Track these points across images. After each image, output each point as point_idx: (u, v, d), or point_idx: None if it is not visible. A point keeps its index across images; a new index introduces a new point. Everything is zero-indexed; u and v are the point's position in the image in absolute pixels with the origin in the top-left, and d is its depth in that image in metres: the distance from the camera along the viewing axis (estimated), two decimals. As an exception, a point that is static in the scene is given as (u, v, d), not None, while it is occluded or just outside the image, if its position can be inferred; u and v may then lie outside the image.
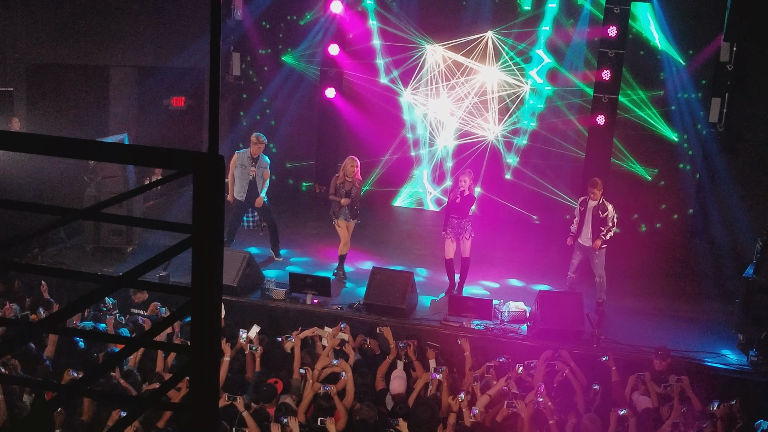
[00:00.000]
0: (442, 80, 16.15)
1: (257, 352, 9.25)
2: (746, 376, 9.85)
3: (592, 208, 11.15)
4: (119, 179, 12.48)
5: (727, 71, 14.04)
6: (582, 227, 11.23)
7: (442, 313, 10.88)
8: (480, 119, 16.09)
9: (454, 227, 11.47)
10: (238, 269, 11.07)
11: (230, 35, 16.46)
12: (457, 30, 15.85)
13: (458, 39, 15.85)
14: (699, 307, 12.00)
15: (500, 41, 15.71)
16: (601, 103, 14.67)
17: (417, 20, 16.08)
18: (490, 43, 15.78)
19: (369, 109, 16.48)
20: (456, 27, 15.87)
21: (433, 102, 16.32)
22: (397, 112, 16.56)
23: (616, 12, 14.33)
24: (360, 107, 16.47)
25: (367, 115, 16.45)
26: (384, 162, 16.63)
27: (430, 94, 16.32)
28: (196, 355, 2.23)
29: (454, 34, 15.87)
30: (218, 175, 2.15)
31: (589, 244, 11.17)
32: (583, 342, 10.27)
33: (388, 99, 16.50)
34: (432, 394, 8.75)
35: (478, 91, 16.00)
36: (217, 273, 2.22)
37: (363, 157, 15.57)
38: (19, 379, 8.06)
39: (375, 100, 16.50)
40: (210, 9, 2.17)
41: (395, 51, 16.29)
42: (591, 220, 11.14)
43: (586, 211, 11.19)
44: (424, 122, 16.48)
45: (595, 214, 11.11)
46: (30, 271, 2.66)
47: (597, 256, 11.19)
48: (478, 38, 15.74)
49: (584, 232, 11.21)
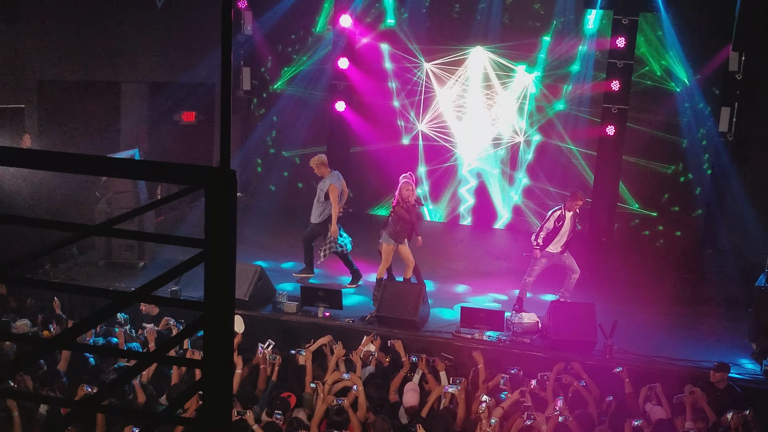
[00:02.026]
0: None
1: (276, 361, 9.26)
2: (760, 386, 9.80)
3: (570, 218, 11.35)
4: (130, 194, 12.52)
5: (736, 80, 14.02)
6: (554, 237, 11.36)
7: (454, 326, 10.87)
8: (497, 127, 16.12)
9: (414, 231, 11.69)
10: (249, 283, 11.07)
11: (240, 50, 16.53)
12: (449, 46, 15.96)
13: (449, 55, 15.97)
14: (711, 316, 11.96)
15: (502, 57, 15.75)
16: (611, 113, 14.68)
17: (424, 34, 16.14)
18: (487, 61, 15.85)
19: (379, 122, 16.50)
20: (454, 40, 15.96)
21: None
22: (406, 124, 16.58)
23: (624, 23, 14.36)
24: (370, 120, 16.48)
25: (377, 127, 16.47)
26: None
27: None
28: (209, 370, 2.23)
29: (446, 53, 16.00)
30: (230, 190, 2.16)
31: (558, 251, 11.41)
32: (596, 353, 10.24)
33: (397, 114, 16.54)
34: (445, 406, 8.73)
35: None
36: (229, 287, 2.22)
37: (373, 169, 15.64)
38: (34, 395, 8.08)
39: (385, 113, 16.52)
40: (221, 24, 2.19)
41: (402, 70, 16.36)
42: (569, 230, 11.37)
43: (564, 223, 11.32)
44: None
45: (573, 225, 11.39)
46: (42, 287, 2.67)
47: (567, 257, 11.51)
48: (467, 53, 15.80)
49: (556, 240, 11.38)
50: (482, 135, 16.28)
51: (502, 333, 10.64)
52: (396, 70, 16.44)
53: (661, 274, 13.41)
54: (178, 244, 2.25)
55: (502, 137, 16.18)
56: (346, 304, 11.19)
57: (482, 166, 16.36)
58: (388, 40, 16.37)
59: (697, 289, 13.07)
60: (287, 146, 17.26)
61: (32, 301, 11.02)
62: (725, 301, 12.49)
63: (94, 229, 2.19)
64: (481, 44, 15.89)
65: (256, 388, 9.16)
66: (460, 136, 16.40)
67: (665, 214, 15.51)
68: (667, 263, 13.99)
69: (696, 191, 15.33)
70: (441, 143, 16.49)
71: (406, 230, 11.53)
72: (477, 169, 16.41)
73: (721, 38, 14.31)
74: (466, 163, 16.46)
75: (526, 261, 13.07)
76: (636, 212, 15.67)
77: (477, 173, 16.40)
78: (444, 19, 16.19)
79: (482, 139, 16.29)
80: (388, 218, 11.71)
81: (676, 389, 9.10)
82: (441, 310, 11.61)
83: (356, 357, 9.41)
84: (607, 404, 8.85)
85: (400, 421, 8.59)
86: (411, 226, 11.53)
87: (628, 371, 9.25)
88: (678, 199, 15.46)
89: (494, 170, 16.32)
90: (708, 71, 14.79)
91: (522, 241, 15.57)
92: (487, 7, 15.83)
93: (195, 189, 2.18)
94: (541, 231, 11.43)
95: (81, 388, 8.25)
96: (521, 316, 11.01)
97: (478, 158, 16.35)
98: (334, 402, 8.36)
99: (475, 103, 16.17)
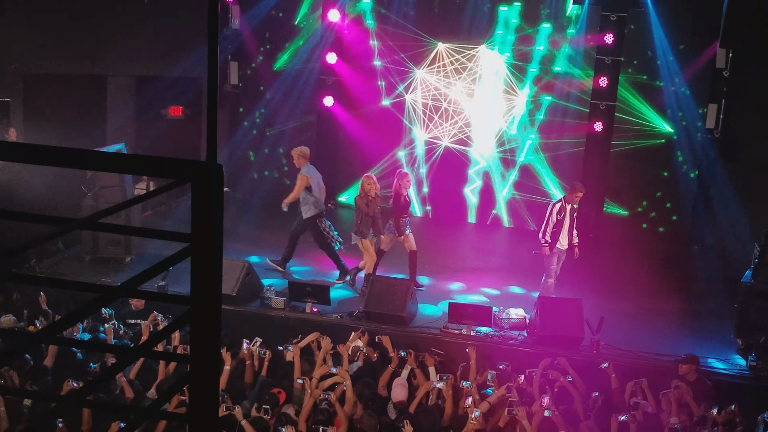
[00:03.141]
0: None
1: (266, 356, 9.26)
2: (746, 381, 9.85)
3: (570, 211, 11.37)
4: (117, 189, 12.46)
5: (723, 77, 14.06)
6: (560, 231, 11.37)
7: (442, 321, 10.88)
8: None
9: (405, 225, 11.90)
10: (237, 278, 11.05)
11: (228, 44, 16.47)
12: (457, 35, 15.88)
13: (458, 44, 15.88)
14: (697, 312, 12.00)
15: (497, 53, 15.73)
16: (599, 109, 14.71)
17: (414, 25, 16.07)
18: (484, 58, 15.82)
19: (368, 117, 16.46)
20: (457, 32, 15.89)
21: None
22: (398, 119, 16.54)
23: (612, 19, 14.38)
24: (359, 115, 16.44)
25: (365, 123, 16.43)
26: (381, 169, 16.60)
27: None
28: (196, 365, 2.22)
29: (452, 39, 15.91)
30: (217, 184, 2.15)
31: (566, 247, 11.44)
32: (582, 348, 10.27)
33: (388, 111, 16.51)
34: (433, 402, 8.75)
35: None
36: (216, 282, 2.22)
37: (362, 166, 15.58)
38: (20, 390, 8.05)
39: (374, 108, 16.48)
40: (207, 18, 2.18)
41: (395, 62, 16.27)
42: (570, 223, 11.40)
43: (566, 216, 11.30)
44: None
45: (572, 218, 11.42)
46: (28, 281, 2.66)
47: (576, 255, 11.55)
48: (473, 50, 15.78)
49: (562, 236, 11.40)
50: (483, 133, 16.21)
51: (490, 328, 10.67)
52: (382, 70, 16.37)
53: (648, 270, 13.45)
54: (164, 239, 2.24)
55: (500, 132, 16.12)
56: (334, 299, 11.19)
57: (482, 164, 16.26)
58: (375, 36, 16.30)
59: (684, 285, 13.10)
60: (276, 142, 17.20)
61: (18, 296, 10.97)
62: (711, 296, 12.54)
63: (80, 223, 2.18)
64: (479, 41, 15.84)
65: (242, 383, 9.15)
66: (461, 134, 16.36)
67: (652, 211, 15.53)
68: (653, 259, 14.02)
69: (682, 188, 15.36)
70: (436, 143, 16.47)
71: (368, 225, 11.65)
72: (481, 168, 16.30)
73: (709, 35, 14.35)
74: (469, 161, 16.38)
75: (514, 255, 13.12)
76: (623, 208, 15.68)
77: (482, 172, 16.28)
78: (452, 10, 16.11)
79: (484, 137, 16.23)
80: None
81: (662, 384, 9.13)
82: (428, 306, 11.61)
83: (343, 350, 9.40)
84: (594, 400, 8.87)
85: (388, 416, 8.60)
86: (372, 220, 11.64)
87: (614, 367, 9.28)
88: (664, 196, 15.49)
89: (490, 168, 16.25)
90: (695, 68, 14.82)
91: (510, 237, 15.68)
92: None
93: (181, 183, 2.17)
94: (547, 227, 11.42)
95: (67, 383, 8.22)
96: (509, 312, 11.04)
97: (479, 156, 16.26)
98: (322, 397, 8.37)
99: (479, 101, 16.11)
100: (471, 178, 16.30)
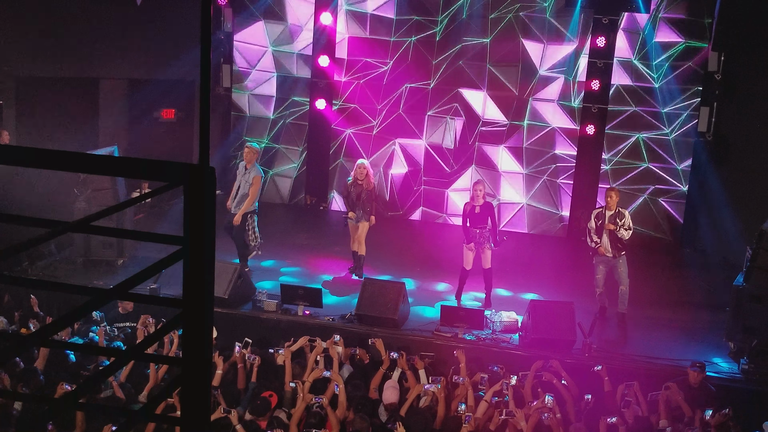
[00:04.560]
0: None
1: (255, 362, 9.24)
2: (737, 385, 9.87)
3: (609, 217, 11.19)
4: (109, 192, 12.44)
5: (715, 81, 14.11)
6: (600, 239, 11.24)
7: (434, 324, 10.89)
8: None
9: (477, 238, 11.48)
10: (229, 281, 11.04)
11: (220, 47, 16.47)
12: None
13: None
14: (689, 315, 12.01)
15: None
16: (591, 112, 14.76)
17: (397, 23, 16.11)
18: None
19: (359, 119, 16.48)
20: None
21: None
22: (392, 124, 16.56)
23: (604, 22, 14.42)
24: (350, 118, 16.46)
25: (357, 125, 16.44)
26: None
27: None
28: (187, 368, 2.22)
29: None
30: (209, 187, 2.15)
31: (610, 255, 11.20)
32: (574, 351, 10.28)
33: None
34: (425, 405, 8.75)
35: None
36: (208, 285, 2.22)
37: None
38: (12, 393, 8.03)
39: (367, 111, 16.50)
40: (200, 21, 2.18)
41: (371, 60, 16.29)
42: (608, 230, 11.17)
43: (604, 222, 11.21)
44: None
45: (610, 224, 11.16)
46: (20, 284, 2.65)
47: (620, 264, 11.23)
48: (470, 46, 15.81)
49: (604, 242, 11.24)
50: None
51: (481, 331, 10.67)
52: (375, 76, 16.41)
53: (640, 272, 13.46)
54: (157, 242, 2.24)
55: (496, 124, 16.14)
56: (326, 302, 11.19)
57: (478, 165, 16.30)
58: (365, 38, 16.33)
59: (676, 288, 13.14)
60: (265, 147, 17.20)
61: (9, 299, 10.94)
62: (703, 300, 12.57)
63: (72, 226, 2.18)
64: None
65: (237, 388, 9.15)
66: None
67: (644, 213, 15.55)
68: (646, 262, 14.03)
69: (675, 191, 15.39)
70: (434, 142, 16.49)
71: (348, 207, 12.32)
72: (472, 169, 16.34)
73: (701, 38, 14.40)
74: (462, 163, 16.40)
75: (506, 260, 13.12)
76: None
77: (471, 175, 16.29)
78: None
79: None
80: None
81: (654, 388, 9.14)
82: (421, 308, 11.61)
83: (333, 352, 9.39)
84: (586, 403, 8.88)
85: (379, 418, 8.60)
86: (350, 205, 12.25)
87: (607, 370, 9.29)
88: (657, 198, 15.51)
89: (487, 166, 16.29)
90: (687, 71, 14.87)
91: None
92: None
93: (174, 186, 2.17)
94: (591, 233, 11.32)
95: (60, 386, 8.20)
96: (501, 315, 11.05)
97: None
98: (313, 400, 8.37)
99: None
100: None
